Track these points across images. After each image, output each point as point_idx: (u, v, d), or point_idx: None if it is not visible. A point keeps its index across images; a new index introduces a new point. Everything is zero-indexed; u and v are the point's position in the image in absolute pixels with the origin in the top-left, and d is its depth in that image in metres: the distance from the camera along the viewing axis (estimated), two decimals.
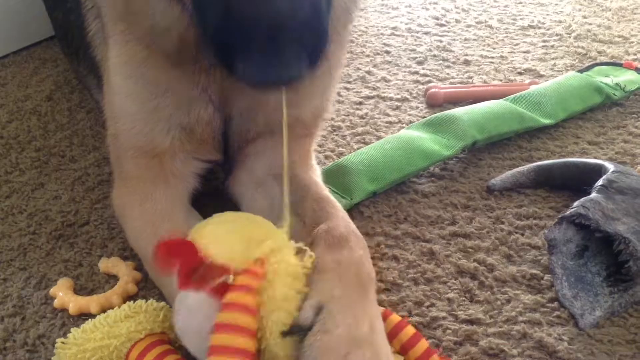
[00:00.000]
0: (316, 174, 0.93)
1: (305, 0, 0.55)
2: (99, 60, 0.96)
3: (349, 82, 1.43)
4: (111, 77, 0.85)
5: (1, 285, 0.88)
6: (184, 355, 0.68)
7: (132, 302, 0.74)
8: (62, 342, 0.71)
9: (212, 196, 0.96)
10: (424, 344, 0.70)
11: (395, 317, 0.71)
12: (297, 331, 0.60)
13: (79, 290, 0.86)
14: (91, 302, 0.81)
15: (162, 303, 0.74)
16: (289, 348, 0.60)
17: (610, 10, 1.81)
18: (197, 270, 0.61)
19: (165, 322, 0.72)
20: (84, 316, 0.81)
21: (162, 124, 0.81)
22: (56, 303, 0.83)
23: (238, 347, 0.56)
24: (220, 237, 0.66)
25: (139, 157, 0.84)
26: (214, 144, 0.87)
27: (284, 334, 0.60)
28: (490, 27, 1.72)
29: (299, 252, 0.65)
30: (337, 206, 0.81)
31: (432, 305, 0.82)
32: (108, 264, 0.88)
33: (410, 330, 0.70)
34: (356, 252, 0.70)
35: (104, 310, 0.81)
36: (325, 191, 0.86)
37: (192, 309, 0.62)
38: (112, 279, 0.88)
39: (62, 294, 0.83)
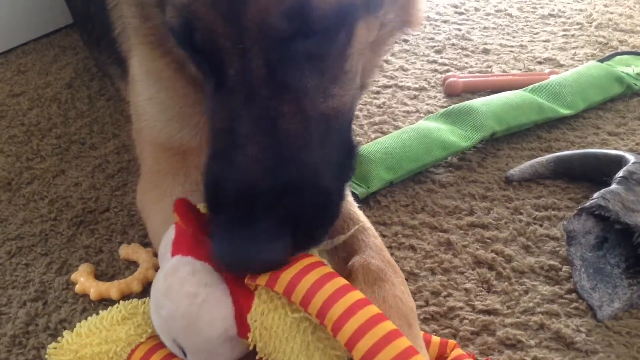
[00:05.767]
0: None
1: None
2: (126, 55, 0.95)
3: None
4: (134, 80, 0.85)
5: (23, 270, 0.89)
6: None
7: (127, 301, 0.70)
8: (54, 347, 0.67)
9: None
10: None
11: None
12: None
13: (99, 276, 0.88)
14: (112, 288, 0.82)
15: None
16: None
17: None
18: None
19: None
20: (105, 301, 0.82)
21: (189, 129, 0.80)
22: (77, 288, 0.84)
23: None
24: None
25: (160, 152, 0.83)
26: None
27: None
28: (510, 15, 1.70)
29: None
30: (367, 229, 0.77)
31: (449, 295, 0.82)
32: (128, 251, 0.90)
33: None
34: (397, 287, 0.68)
35: (124, 296, 0.82)
36: (353, 206, 0.81)
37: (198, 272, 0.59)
38: (132, 265, 0.89)
39: (83, 280, 0.84)
